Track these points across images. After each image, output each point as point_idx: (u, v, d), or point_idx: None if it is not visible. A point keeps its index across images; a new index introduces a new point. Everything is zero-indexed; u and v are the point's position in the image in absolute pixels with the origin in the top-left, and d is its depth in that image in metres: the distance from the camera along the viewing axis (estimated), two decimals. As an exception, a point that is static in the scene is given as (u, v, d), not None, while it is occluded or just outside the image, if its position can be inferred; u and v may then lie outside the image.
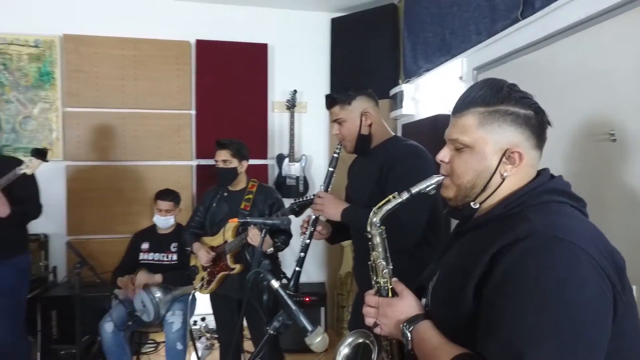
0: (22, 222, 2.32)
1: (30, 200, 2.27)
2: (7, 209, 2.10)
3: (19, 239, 2.38)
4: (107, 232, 3.37)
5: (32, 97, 3.32)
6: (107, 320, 2.42)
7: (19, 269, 2.34)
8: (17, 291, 2.33)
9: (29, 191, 2.26)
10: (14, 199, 2.16)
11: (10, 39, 3.29)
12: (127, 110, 3.44)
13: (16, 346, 2.30)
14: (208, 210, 2.38)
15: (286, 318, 1.01)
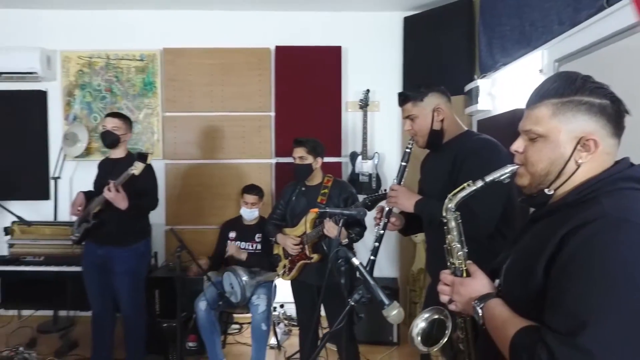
0: (140, 214, 2.70)
1: (148, 194, 2.64)
2: (126, 203, 2.48)
3: (140, 228, 2.76)
4: (198, 223, 3.76)
5: (138, 104, 3.82)
6: (201, 300, 2.74)
7: (139, 254, 2.73)
8: (138, 273, 2.72)
9: (147, 186, 2.63)
10: (136, 193, 2.53)
11: (121, 54, 3.82)
12: (215, 113, 3.81)
13: (138, 318, 2.71)
14: (288, 203, 2.58)
15: (365, 292, 1.13)
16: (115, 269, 2.62)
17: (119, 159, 2.72)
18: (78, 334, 3.40)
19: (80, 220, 2.68)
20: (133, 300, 2.67)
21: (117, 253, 2.61)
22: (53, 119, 3.85)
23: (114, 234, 2.60)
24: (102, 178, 2.68)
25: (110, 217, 2.56)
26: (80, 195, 2.71)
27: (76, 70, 3.82)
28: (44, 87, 3.83)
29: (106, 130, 2.65)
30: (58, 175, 3.72)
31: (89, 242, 2.67)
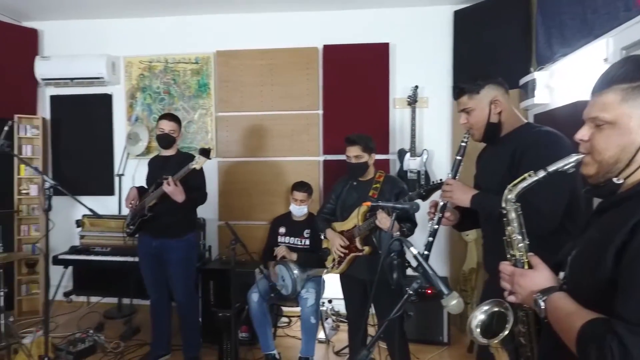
0: (193, 207, 2.87)
1: (199, 189, 2.79)
2: (183, 196, 2.64)
3: (190, 220, 2.94)
4: (249, 218, 3.89)
5: (193, 105, 4.02)
6: (254, 291, 2.84)
7: (191, 244, 2.90)
8: (190, 261, 2.89)
9: (198, 182, 2.78)
10: (188, 187, 2.69)
11: (178, 58, 4.03)
12: (264, 112, 3.93)
13: (190, 304, 2.87)
14: (339, 198, 2.61)
15: (423, 281, 1.13)
16: (169, 259, 2.79)
17: (170, 156, 2.88)
18: (139, 321, 3.63)
19: (134, 213, 2.86)
20: (186, 287, 2.83)
21: (171, 244, 2.77)
22: (117, 120, 4.14)
23: (167, 226, 2.76)
24: (154, 174, 2.86)
25: (164, 210, 2.73)
26: (133, 190, 2.90)
27: (138, 75, 4.08)
28: (110, 91, 4.13)
29: (164, 133, 2.80)
30: (122, 172, 4.00)
31: (144, 234, 2.85)
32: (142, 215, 2.76)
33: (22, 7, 3.90)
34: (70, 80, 4.00)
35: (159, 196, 2.68)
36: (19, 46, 4.02)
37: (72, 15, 4.08)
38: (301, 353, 2.79)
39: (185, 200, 2.67)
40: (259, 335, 2.86)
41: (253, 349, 3.14)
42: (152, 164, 2.97)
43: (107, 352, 3.09)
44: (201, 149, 2.61)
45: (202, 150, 2.59)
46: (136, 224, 2.81)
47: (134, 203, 2.82)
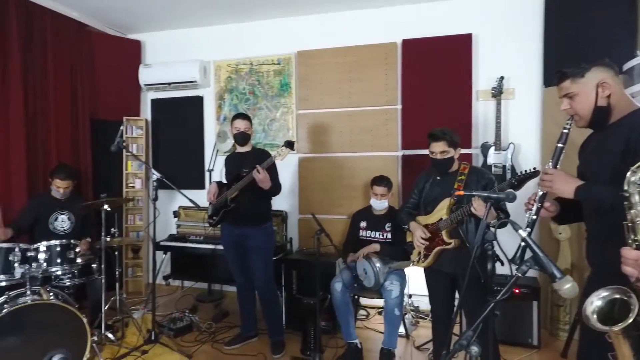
0: (271, 196, 3.04)
1: (274, 180, 2.94)
2: (270, 183, 2.82)
3: (267, 210, 3.12)
4: (327, 212, 4.00)
5: (275, 104, 4.23)
6: (337, 281, 2.93)
7: (268, 233, 3.08)
8: (268, 249, 3.07)
9: (273, 174, 2.94)
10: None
11: (261, 60, 4.27)
12: (343, 109, 4.01)
13: (269, 289, 3.05)
14: (422, 192, 2.60)
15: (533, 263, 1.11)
16: (249, 246, 2.97)
17: (246, 152, 3.09)
18: (227, 305, 3.91)
19: (215, 205, 3.08)
20: (265, 273, 3.00)
21: (251, 232, 2.96)
22: (207, 120, 4.49)
23: (248, 216, 2.95)
24: (232, 169, 3.07)
25: (244, 201, 2.91)
26: (213, 185, 3.13)
27: (225, 77, 4.39)
28: (201, 93, 4.49)
29: (240, 132, 3.01)
30: (212, 167, 4.33)
31: (226, 223, 3.06)
32: (226, 206, 2.97)
33: (128, 22, 4.39)
34: (168, 85, 4.43)
35: (240, 188, 2.88)
36: (126, 56, 4.53)
37: (169, 26, 4.51)
38: (383, 344, 2.82)
39: (269, 189, 2.84)
40: (341, 324, 2.94)
41: (334, 337, 3.23)
42: (230, 160, 3.20)
43: (202, 331, 3.37)
44: (286, 141, 2.76)
45: (287, 143, 2.74)
46: (219, 215, 3.03)
47: (215, 196, 3.05)
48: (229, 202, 2.91)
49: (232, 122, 3.05)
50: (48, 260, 2.65)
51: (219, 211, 2.99)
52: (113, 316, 3.36)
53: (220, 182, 3.15)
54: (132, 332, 3.31)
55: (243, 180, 2.83)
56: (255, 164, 2.82)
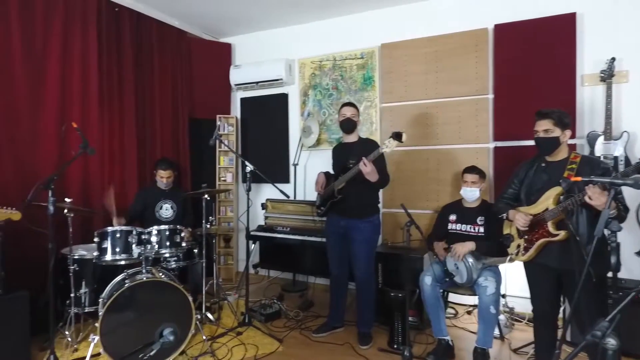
0: (379, 187, 3.03)
1: (382, 172, 2.92)
2: (377, 176, 2.82)
3: (374, 202, 3.11)
4: (413, 207, 3.89)
5: (358, 98, 4.24)
6: (427, 274, 2.85)
7: (375, 225, 3.06)
8: (373, 241, 3.06)
9: (381, 165, 2.92)
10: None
11: (345, 55, 4.31)
12: (429, 100, 3.90)
13: (369, 280, 3.05)
14: (523, 181, 2.43)
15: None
16: (354, 237, 2.99)
17: (353, 142, 3.08)
18: (311, 296, 4.01)
19: (323, 196, 3.14)
20: (367, 265, 3.00)
21: (357, 224, 2.97)
22: (292, 116, 4.65)
23: (354, 208, 2.96)
24: (339, 160, 3.10)
25: (352, 193, 2.93)
26: (321, 175, 3.19)
27: (309, 74, 4.50)
28: (286, 90, 4.66)
29: (347, 118, 3.03)
30: (296, 162, 4.46)
31: (332, 214, 3.11)
32: (333, 198, 3.02)
33: (220, 27, 4.70)
34: (256, 84, 4.66)
35: (347, 179, 2.90)
36: (218, 58, 4.85)
37: (257, 29, 4.74)
38: (477, 343, 2.68)
39: (377, 181, 2.83)
40: (431, 320, 2.85)
41: (421, 333, 3.16)
42: (337, 151, 3.23)
43: (290, 318, 3.49)
44: (394, 133, 2.71)
45: (395, 134, 2.70)
46: (327, 206, 3.09)
47: (323, 187, 3.11)
48: (336, 194, 2.97)
49: (339, 110, 3.10)
50: (159, 243, 2.92)
51: (327, 202, 3.05)
52: (209, 299, 3.62)
53: (328, 172, 3.21)
54: (226, 314, 3.54)
55: (350, 172, 2.85)
56: (361, 154, 2.81)
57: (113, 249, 2.78)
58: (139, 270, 2.80)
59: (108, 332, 2.49)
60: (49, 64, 3.31)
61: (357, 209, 2.96)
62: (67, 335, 2.89)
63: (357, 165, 2.77)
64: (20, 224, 2.57)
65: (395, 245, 3.70)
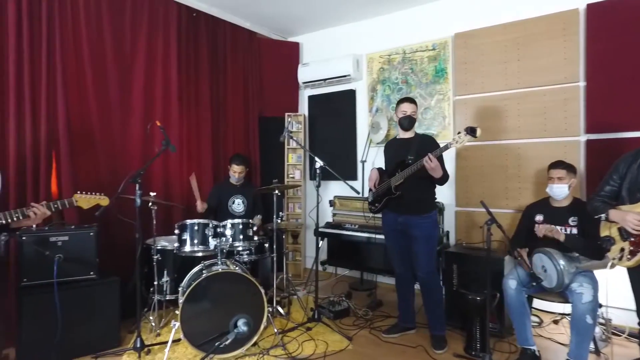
0: (439, 184, 2.89)
1: (442, 168, 2.77)
2: (441, 172, 2.71)
3: (432, 199, 2.99)
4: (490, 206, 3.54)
5: (430, 91, 4.06)
6: (511, 277, 2.63)
7: (433, 221, 2.95)
8: (433, 238, 2.93)
9: (441, 161, 2.78)
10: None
11: (415, 47, 4.15)
12: (509, 91, 3.62)
13: (432, 279, 2.92)
14: (624, 177, 2.16)
15: None
16: (413, 234, 2.88)
17: (409, 138, 2.98)
18: (380, 295, 3.91)
19: (377, 192, 3.04)
20: (428, 263, 2.87)
21: (415, 220, 2.86)
22: (360, 112, 4.58)
23: (412, 204, 2.86)
24: (394, 156, 2.99)
25: (409, 189, 2.82)
26: (374, 172, 3.10)
27: (378, 69, 4.41)
28: (354, 87, 4.61)
29: (407, 115, 2.92)
30: (364, 159, 4.39)
31: (389, 211, 3.01)
32: (389, 194, 2.93)
33: (288, 26, 4.77)
34: (323, 81, 4.66)
35: (406, 176, 2.80)
36: (286, 58, 4.93)
37: (324, 26, 4.75)
38: (569, 356, 2.42)
39: (440, 177, 2.72)
40: (515, 327, 2.63)
41: (501, 341, 2.93)
42: (390, 147, 3.12)
43: (358, 317, 3.43)
44: (468, 128, 2.56)
45: (469, 129, 2.55)
46: (382, 202, 3.00)
47: (376, 184, 3.03)
48: (393, 190, 2.88)
49: (397, 106, 3.00)
50: (233, 236, 3.02)
51: (382, 198, 2.98)
52: (279, 293, 3.67)
53: (381, 168, 3.14)
54: (296, 309, 3.57)
55: (410, 167, 2.75)
56: (420, 150, 2.73)
57: (191, 241, 2.92)
58: (215, 262, 2.91)
59: (187, 319, 2.61)
60: (135, 69, 3.57)
61: (416, 205, 2.85)
62: (151, 320, 3.09)
63: (419, 161, 2.68)
64: (111, 215, 2.79)
65: (471, 245, 3.48)
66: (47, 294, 2.52)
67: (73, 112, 3.16)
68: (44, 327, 2.53)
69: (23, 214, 1.68)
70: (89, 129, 3.27)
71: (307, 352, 2.79)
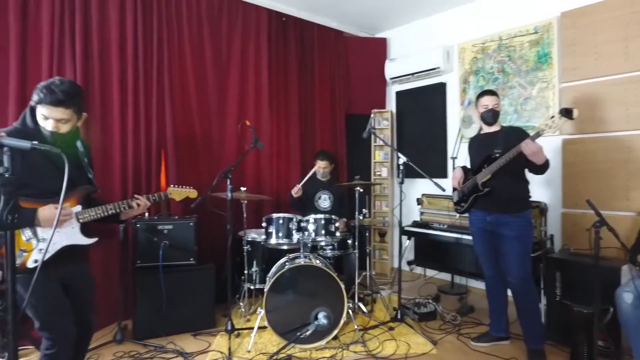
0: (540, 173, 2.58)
1: None
2: (543, 156, 2.44)
3: (525, 195, 2.70)
4: (606, 207, 3.15)
5: (531, 80, 3.68)
6: (626, 290, 2.25)
7: (527, 221, 2.66)
8: (526, 239, 2.65)
9: None
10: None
11: (513, 33, 3.80)
12: (629, 74, 3.10)
13: (525, 286, 2.63)
14: None
15: None
16: (504, 235, 2.63)
17: (494, 132, 2.73)
18: (472, 301, 3.65)
19: (463, 191, 2.82)
20: (521, 267, 2.59)
21: (507, 219, 2.61)
22: (451, 106, 4.34)
23: (503, 201, 2.61)
24: (479, 152, 2.76)
25: (500, 185, 2.59)
26: (459, 170, 2.89)
27: (470, 59, 4.13)
28: (444, 79, 4.38)
29: (490, 109, 2.69)
30: (455, 155, 4.15)
31: (477, 210, 2.78)
32: (477, 191, 2.72)
33: (375, 23, 4.74)
34: (411, 75, 4.52)
35: (494, 170, 2.58)
36: (373, 54, 4.89)
37: (411, 19, 4.60)
38: None
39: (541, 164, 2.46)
40: (632, 348, 2.24)
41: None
42: (475, 143, 2.89)
43: (446, 321, 3.26)
44: (563, 109, 2.31)
45: (564, 111, 2.30)
46: (469, 201, 2.80)
47: (461, 182, 2.84)
48: (480, 187, 2.68)
49: (477, 100, 2.79)
50: (315, 231, 3.09)
51: (469, 197, 2.79)
52: (363, 290, 3.66)
53: (465, 167, 2.95)
54: (379, 308, 3.52)
55: (497, 161, 2.55)
56: (508, 143, 2.51)
57: (277, 234, 3.06)
58: (298, 255, 3.01)
59: (272, 308, 2.74)
60: (230, 76, 3.88)
61: (507, 203, 2.60)
62: (241, 306, 3.32)
63: (511, 151, 2.45)
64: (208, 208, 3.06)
65: (580, 251, 3.06)
66: (155, 275, 2.87)
67: (178, 117, 3.54)
68: (154, 303, 2.89)
69: (129, 205, 1.94)
70: (191, 133, 3.64)
71: (387, 352, 2.73)
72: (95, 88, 3.11)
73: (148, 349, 2.77)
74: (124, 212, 1.97)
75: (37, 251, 1.70)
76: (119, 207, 1.93)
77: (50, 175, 1.68)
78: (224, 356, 2.66)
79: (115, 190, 3.16)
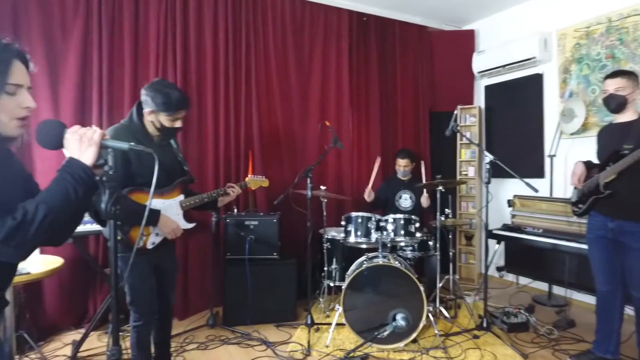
0: None
1: None
2: None
3: None
4: None
5: (649, 65, 3.19)
6: None
7: None
8: None
9: None
10: None
11: (625, 12, 3.33)
12: None
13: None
14: None
15: None
16: (628, 245, 2.29)
17: (629, 122, 2.34)
18: (573, 315, 3.28)
19: (582, 191, 2.53)
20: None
21: (633, 228, 2.26)
22: (548, 99, 3.95)
23: (629, 207, 2.27)
24: (608, 145, 2.41)
25: (626, 188, 2.26)
26: (579, 165, 2.56)
27: (572, 46, 3.71)
28: (540, 70, 4.00)
29: (609, 95, 2.35)
30: (554, 153, 3.77)
31: (597, 214, 2.46)
32: (597, 193, 2.41)
33: (461, 14, 4.50)
34: (502, 68, 4.21)
35: (619, 170, 2.25)
36: (460, 48, 4.65)
37: (502, 7, 4.28)
38: None
39: None
40: None
41: None
42: (605, 135, 2.53)
43: (540, 334, 2.97)
44: None
45: None
46: (588, 203, 2.49)
47: (582, 180, 2.53)
48: (601, 188, 2.38)
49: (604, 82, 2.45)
50: (394, 231, 3.04)
51: (588, 198, 2.50)
52: (445, 295, 3.50)
53: (590, 162, 2.61)
54: (463, 314, 3.34)
55: (624, 159, 2.22)
56: None
57: (355, 233, 3.08)
58: (377, 254, 2.99)
59: (350, 307, 2.77)
60: (312, 78, 4.00)
61: (635, 209, 2.25)
62: (322, 302, 3.40)
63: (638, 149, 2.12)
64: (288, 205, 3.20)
65: None
66: (243, 267, 3.09)
67: (263, 119, 3.76)
68: (241, 293, 3.11)
69: (225, 192, 2.31)
70: (275, 134, 3.83)
71: (470, 361, 2.59)
72: (192, 94, 3.44)
73: (236, 335, 2.99)
74: (220, 199, 2.25)
75: (153, 235, 2.02)
76: (217, 194, 2.24)
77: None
78: (303, 348, 2.76)
79: (209, 185, 3.46)
